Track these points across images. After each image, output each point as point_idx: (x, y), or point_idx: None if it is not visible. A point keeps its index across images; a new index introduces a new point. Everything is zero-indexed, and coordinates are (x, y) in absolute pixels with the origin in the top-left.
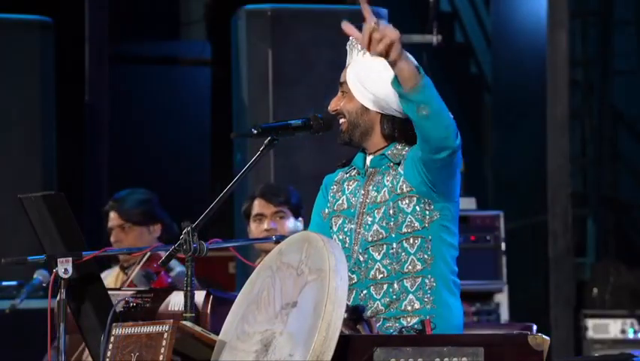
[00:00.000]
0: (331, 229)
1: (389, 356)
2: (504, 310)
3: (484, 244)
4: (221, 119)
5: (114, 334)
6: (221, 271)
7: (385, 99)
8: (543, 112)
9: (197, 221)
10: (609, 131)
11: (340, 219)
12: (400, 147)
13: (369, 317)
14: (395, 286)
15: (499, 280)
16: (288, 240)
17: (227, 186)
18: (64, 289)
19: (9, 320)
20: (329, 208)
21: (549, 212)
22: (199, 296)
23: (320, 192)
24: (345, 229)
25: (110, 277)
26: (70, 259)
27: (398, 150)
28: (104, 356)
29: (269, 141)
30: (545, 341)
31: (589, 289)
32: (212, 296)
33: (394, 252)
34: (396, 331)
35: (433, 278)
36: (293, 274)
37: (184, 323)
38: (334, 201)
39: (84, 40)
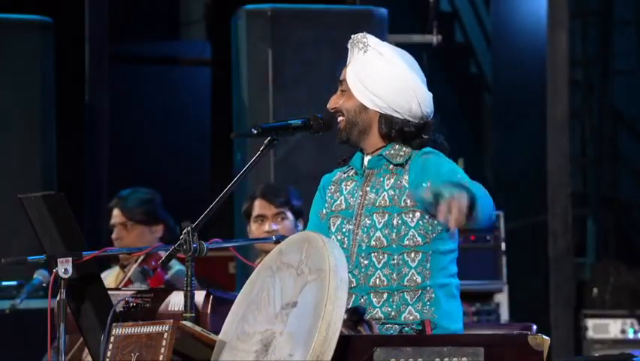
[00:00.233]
0: (329, 230)
1: (389, 356)
2: (504, 310)
3: (484, 244)
4: (221, 119)
5: (114, 334)
6: (221, 271)
7: (385, 99)
8: (543, 112)
9: (197, 221)
10: (609, 131)
11: (338, 220)
12: (398, 147)
13: (369, 319)
14: (395, 297)
15: (499, 280)
16: (288, 240)
17: (227, 186)
18: (64, 289)
19: (9, 320)
20: (327, 209)
21: (549, 212)
22: (199, 296)
23: (317, 192)
24: (344, 230)
25: (110, 277)
26: (70, 259)
27: (396, 151)
28: (104, 356)
29: (269, 141)
30: (545, 341)
31: (589, 289)
32: (212, 296)
33: (395, 263)
34: (396, 331)
35: (432, 290)
36: (293, 274)
37: (184, 323)
38: (332, 201)
39: (84, 40)
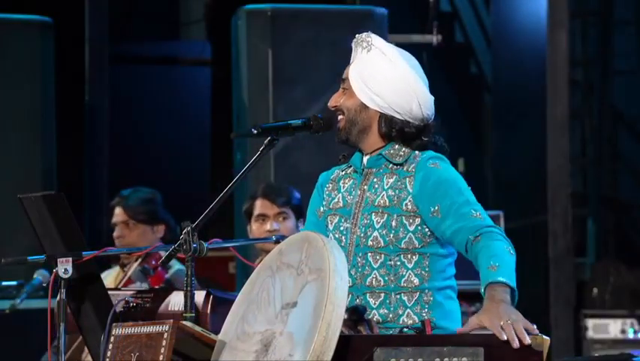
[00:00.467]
0: (327, 228)
1: (389, 356)
2: None
3: None
4: (221, 119)
5: (114, 334)
6: (221, 271)
7: (386, 99)
8: (543, 112)
9: (197, 221)
10: (609, 131)
11: (336, 218)
12: (398, 147)
13: (369, 318)
14: (392, 298)
15: None
16: (288, 240)
17: (228, 186)
18: (64, 289)
19: (9, 320)
20: (324, 207)
21: (549, 212)
22: (199, 296)
23: (315, 190)
24: (341, 228)
25: (110, 277)
26: (70, 259)
27: (395, 150)
28: (104, 356)
29: (269, 141)
30: (545, 341)
31: (589, 289)
32: (212, 296)
33: (392, 264)
34: (396, 331)
35: (430, 292)
36: (293, 274)
37: (184, 323)
38: (330, 199)
39: (84, 41)
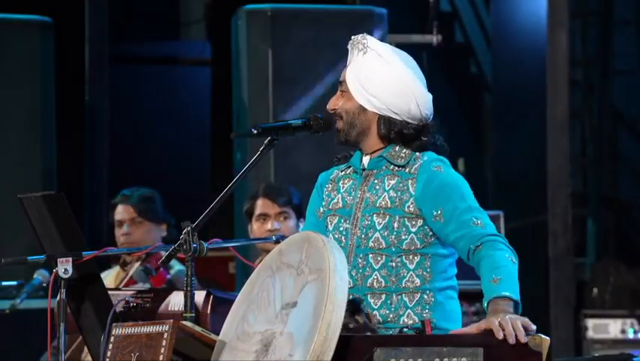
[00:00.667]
0: (327, 228)
1: (389, 356)
2: None
3: None
4: (221, 119)
5: (114, 334)
6: (221, 271)
7: (384, 101)
8: (543, 112)
9: (197, 221)
10: (609, 131)
11: (336, 218)
12: (398, 148)
13: (367, 311)
14: (394, 298)
15: None
16: (288, 240)
17: (228, 186)
18: (64, 289)
19: (9, 320)
20: (324, 207)
21: (549, 212)
22: (199, 296)
23: (314, 190)
24: (341, 228)
25: (110, 277)
26: (70, 259)
27: (396, 152)
28: (104, 356)
29: (269, 141)
30: (545, 341)
31: (589, 289)
32: (212, 296)
33: (394, 265)
34: (396, 331)
35: (431, 293)
36: (293, 274)
37: (184, 323)
38: (329, 199)
39: (84, 41)
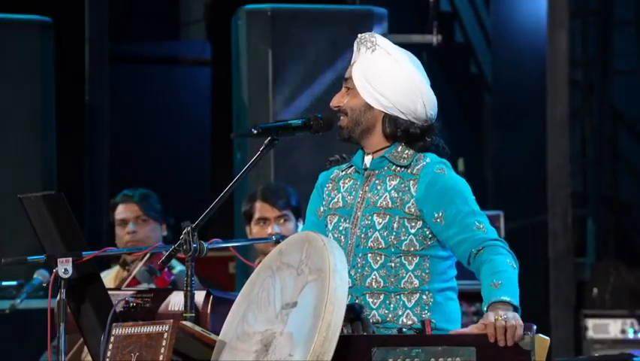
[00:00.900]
0: (327, 228)
1: (388, 356)
2: None
3: None
4: (221, 119)
5: (114, 334)
6: (221, 271)
7: (391, 99)
8: (543, 112)
9: (197, 221)
10: (609, 131)
11: (335, 218)
12: (401, 148)
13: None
14: (392, 298)
15: None
16: (288, 240)
17: (228, 186)
18: (64, 289)
19: (9, 320)
20: (324, 207)
21: (549, 212)
22: (199, 296)
23: (315, 190)
24: (341, 228)
25: (110, 277)
26: (70, 259)
27: (399, 153)
28: (104, 356)
29: (269, 141)
30: (545, 341)
31: (589, 289)
32: (212, 296)
33: (393, 265)
34: (395, 331)
35: (430, 294)
36: (293, 274)
37: (184, 323)
38: (329, 199)
39: (84, 41)
